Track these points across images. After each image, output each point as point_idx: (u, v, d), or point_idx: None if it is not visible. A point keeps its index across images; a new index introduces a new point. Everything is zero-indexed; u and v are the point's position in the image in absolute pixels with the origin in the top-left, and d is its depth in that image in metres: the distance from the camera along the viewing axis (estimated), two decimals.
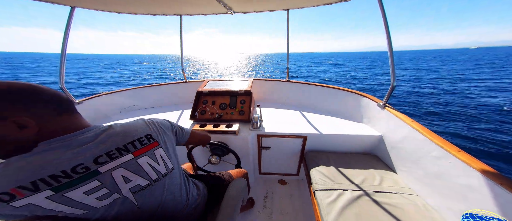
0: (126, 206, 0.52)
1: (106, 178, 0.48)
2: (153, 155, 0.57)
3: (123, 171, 0.51)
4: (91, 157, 0.47)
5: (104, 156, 0.49)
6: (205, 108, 1.76)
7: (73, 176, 0.44)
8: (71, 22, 1.62)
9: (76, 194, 0.45)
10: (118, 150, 0.51)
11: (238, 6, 1.84)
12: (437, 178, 0.98)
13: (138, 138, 0.56)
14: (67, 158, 0.44)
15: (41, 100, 0.45)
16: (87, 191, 0.46)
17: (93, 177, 0.47)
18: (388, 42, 1.29)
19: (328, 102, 2.09)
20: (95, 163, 0.47)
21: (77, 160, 0.45)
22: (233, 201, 0.74)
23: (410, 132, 1.18)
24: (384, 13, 1.28)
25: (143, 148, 0.56)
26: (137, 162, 0.54)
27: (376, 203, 0.99)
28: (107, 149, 0.50)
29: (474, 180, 0.80)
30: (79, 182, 0.45)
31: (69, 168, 0.44)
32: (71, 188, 0.44)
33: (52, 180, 0.42)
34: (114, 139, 0.52)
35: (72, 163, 0.44)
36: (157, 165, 0.58)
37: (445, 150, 0.94)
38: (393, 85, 1.32)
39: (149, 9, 1.89)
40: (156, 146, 0.59)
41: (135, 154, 0.54)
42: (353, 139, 1.52)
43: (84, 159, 0.46)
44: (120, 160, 0.51)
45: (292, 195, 1.65)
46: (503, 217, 0.68)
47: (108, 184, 0.49)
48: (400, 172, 1.25)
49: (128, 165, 0.52)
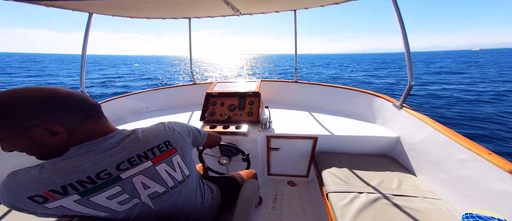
0: (145, 209, 0.54)
1: (127, 184, 0.50)
2: (170, 162, 0.58)
3: (142, 178, 0.52)
4: (114, 163, 0.48)
5: (125, 163, 0.50)
6: (214, 110, 1.78)
7: (97, 181, 0.46)
8: (90, 27, 1.71)
9: (100, 198, 0.47)
10: (139, 157, 0.52)
11: (245, 8, 1.86)
12: (464, 182, 0.90)
13: (157, 145, 0.56)
14: (92, 163, 0.46)
15: (70, 106, 0.46)
16: (109, 196, 0.48)
17: (115, 183, 0.48)
18: (404, 41, 1.24)
19: (338, 103, 2.03)
20: (117, 169, 0.49)
21: (101, 166, 0.47)
22: (248, 202, 0.73)
23: (431, 133, 1.11)
24: (399, 12, 1.23)
25: (162, 155, 0.56)
26: (155, 169, 0.54)
27: (395, 207, 0.93)
28: (128, 156, 0.51)
29: (507, 185, 0.73)
30: (102, 187, 0.47)
31: (94, 174, 0.46)
32: (95, 193, 0.46)
33: (79, 185, 0.44)
34: (136, 146, 0.53)
35: (96, 169, 0.46)
36: (174, 172, 0.58)
37: (473, 153, 0.86)
38: (410, 84, 1.25)
39: (159, 14, 1.95)
40: (173, 153, 0.59)
41: (154, 161, 0.54)
42: (367, 140, 1.45)
43: (107, 165, 0.48)
44: (140, 167, 0.52)
45: (301, 196, 1.60)
46: (503, 217, 0.67)
47: (128, 190, 0.50)
48: (420, 175, 1.17)
49: (147, 172, 0.53)
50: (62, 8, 1.45)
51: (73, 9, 1.51)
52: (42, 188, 0.41)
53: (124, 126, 1.86)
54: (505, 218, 0.66)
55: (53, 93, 0.44)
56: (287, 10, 2.04)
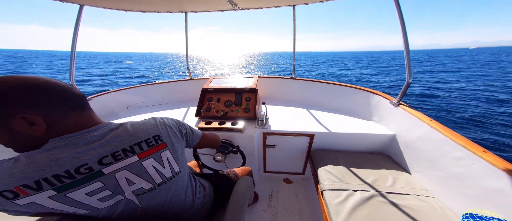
0: (129, 207, 0.52)
1: (109, 180, 0.47)
2: (159, 157, 0.55)
3: (127, 173, 0.49)
4: (96, 158, 0.45)
5: (109, 157, 0.47)
6: (210, 106, 1.75)
7: (76, 176, 0.43)
8: (80, 20, 1.65)
9: (78, 195, 0.44)
10: (124, 151, 0.49)
11: (243, 2, 1.81)
12: (458, 180, 0.91)
13: (145, 139, 0.53)
14: (72, 157, 0.43)
15: (51, 95, 0.43)
16: (89, 192, 0.45)
17: (96, 178, 0.45)
18: (404, 38, 1.22)
19: (335, 100, 2.02)
20: (99, 164, 0.46)
21: (81, 160, 0.44)
22: (241, 199, 0.72)
23: (428, 131, 1.11)
24: (399, 8, 1.22)
25: (150, 150, 0.53)
26: (141, 164, 0.52)
27: (389, 204, 0.94)
28: (112, 150, 0.48)
29: (502, 183, 0.73)
30: (82, 182, 0.44)
31: (73, 168, 0.43)
32: (73, 189, 0.43)
33: (55, 180, 0.41)
34: (122, 139, 0.50)
35: (76, 163, 0.43)
36: (163, 168, 0.56)
37: (468, 151, 0.86)
38: (408, 82, 1.25)
39: (155, 7, 1.89)
40: (163, 148, 0.56)
41: (140, 156, 0.51)
42: (364, 138, 1.45)
43: (88, 159, 0.45)
44: (124, 161, 0.49)
45: (297, 194, 1.61)
46: (503, 217, 0.67)
47: (111, 186, 0.48)
48: (414, 173, 1.18)
49: (132, 167, 0.50)
50: None
51: (63, 0, 1.45)
52: (13, 183, 0.38)
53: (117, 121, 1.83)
54: (505, 218, 0.65)
55: (32, 81, 0.41)
56: (286, 5, 1.99)
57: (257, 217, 1.41)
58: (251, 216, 1.42)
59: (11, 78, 0.40)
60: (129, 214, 0.52)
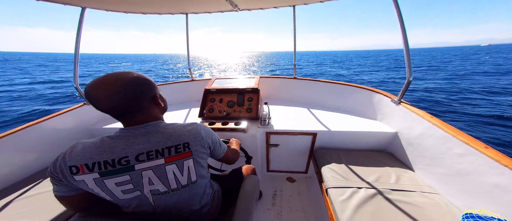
0: (144, 203, 0.56)
1: (136, 176, 0.52)
2: (181, 165, 0.57)
3: (151, 173, 0.53)
4: (136, 153, 0.52)
5: (144, 155, 0.52)
6: (213, 106, 1.76)
7: (116, 166, 0.50)
8: (83, 22, 1.66)
9: (110, 182, 0.51)
10: (157, 152, 0.53)
11: (243, 3, 1.82)
12: (461, 177, 0.92)
13: (176, 145, 0.56)
14: (122, 148, 0.51)
15: None
16: (118, 182, 0.51)
17: (127, 172, 0.51)
18: (403, 37, 1.23)
19: (337, 99, 2.03)
20: (136, 160, 0.51)
21: (125, 152, 0.51)
22: (249, 197, 0.73)
23: (429, 128, 1.12)
24: (398, 7, 1.23)
25: (176, 156, 0.56)
26: (165, 168, 0.55)
27: (393, 202, 0.94)
28: (148, 148, 0.53)
29: (505, 179, 0.74)
30: (117, 172, 0.50)
31: (118, 158, 0.50)
32: (110, 176, 0.50)
33: (103, 166, 0.49)
34: (159, 140, 0.54)
35: (122, 154, 0.50)
36: (181, 176, 0.58)
37: (470, 147, 0.87)
38: (409, 80, 1.26)
39: (155, 9, 1.90)
40: (188, 156, 0.58)
41: (167, 160, 0.54)
42: (366, 136, 1.46)
43: (131, 152, 0.51)
44: (153, 162, 0.53)
45: (300, 192, 1.61)
46: (503, 217, 0.67)
47: (134, 181, 0.52)
48: (417, 170, 1.19)
49: (156, 169, 0.54)
50: (54, 2, 1.40)
51: (65, 3, 1.46)
52: (80, 161, 0.48)
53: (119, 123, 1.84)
54: (505, 218, 0.65)
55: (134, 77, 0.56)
56: (286, 6, 2.00)
57: (261, 215, 1.41)
58: (255, 214, 1.43)
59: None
60: (141, 210, 0.56)
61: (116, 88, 0.50)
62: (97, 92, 0.50)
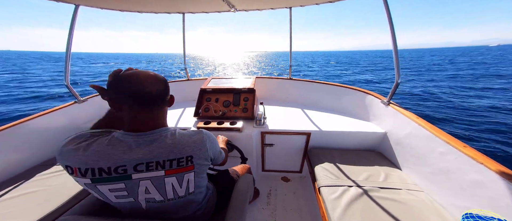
0: (136, 207, 0.56)
1: (132, 184, 0.52)
2: (181, 178, 0.56)
3: (149, 183, 0.53)
4: (134, 163, 0.50)
5: (143, 165, 0.51)
6: (209, 106, 1.77)
7: (112, 174, 0.49)
8: (76, 20, 1.63)
9: (104, 188, 0.50)
10: (157, 163, 0.52)
11: (240, 4, 1.84)
12: (443, 174, 0.97)
13: (179, 158, 0.54)
14: (119, 157, 0.49)
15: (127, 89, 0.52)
16: (111, 189, 0.51)
17: (123, 180, 0.50)
18: (392, 38, 1.29)
19: (331, 100, 2.09)
20: (134, 169, 0.50)
21: (123, 161, 0.49)
22: (242, 196, 0.75)
23: (415, 128, 1.17)
24: (388, 8, 1.28)
25: (177, 169, 0.54)
26: (164, 180, 0.54)
27: (381, 199, 0.99)
28: (149, 159, 0.51)
29: (481, 176, 0.79)
30: (112, 180, 0.50)
31: (114, 166, 0.49)
32: (104, 183, 0.49)
33: (97, 172, 0.48)
34: (161, 152, 0.52)
35: (118, 163, 0.49)
36: (179, 188, 0.57)
37: (451, 146, 0.93)
38: (397, 82, 1.32)
39: (152, 7, 1.89)
40: (189, 170, 0.56)
41: (167, 172, 0.53)
42: (357, 136, 1.51)
43: (129, 161, 0.50)
44: (152, 173, 0.52)
45: (295, 192, 1.65)
46: (503, 217, 0.67)
47: (129, 189, 0.52)
48: (405, 169, 1.24)
49: (155, 180, 0.53)
50: None
51: (58, 0, 1.43)
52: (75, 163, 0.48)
53: None
54: (505, 218, 0.66)
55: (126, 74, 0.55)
56: (282, 7, 2.04)
57: (256, 215, 1.44)
58: (250, 214, 1.45)
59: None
60: (134, 212, 0.57)
61: (157, 78, 0.57)
62: (139, 78, 0.53)
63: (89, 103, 1.89)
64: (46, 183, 1.13)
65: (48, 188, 1.08)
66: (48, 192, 1.06)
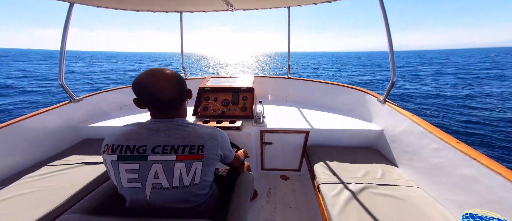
0: (139, 197, 0.57)
1: (145, 166, 0.55)
2: (190, 165, 0.58)
3: (159, 167, 0.55)
4: (154, 144, 0.55)
5: (160, 148, 0.55)
6: (208, 105, 1.76)
7: (134, 153, 0.54)
8: (70, 19, 1.60)
9: (122, 167, 0.55)
10: (172, 147, 0.56)
11: (239, 3, 1.84)
12: (438, 170, 1.00)
13: (191, 145, 0.58)
14: (144, 137, 0.56)
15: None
16: (127, 169, 0.55)
17: (139, 160, 0.54)
18: (388, 38, 1.31)
19: (329, 98, 2.11)
20: (151, 151, 0.55)
21: (146, 141, 0.55)
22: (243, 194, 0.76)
23: (410, 125, 1.20)
24: (383, 9, 1.30)
25: (188, 155, 0.57)
26: (173, 165, 0.56)
27: (378, 196, 1.01)
28: (166, 143, 0.56)
29: (473, 171, 0.82)
30: (131, 159, 0.54)
31: (138, 146, 0.54)
32: (124, 161, 0.54)
33: (124, 150, 0.54)
34: (176, 137, 0.58)
35: (142, 143, 0.55)
36: (186, 176, 0.58)
37: (444, 142, 0.96)
38: (393, 81, 1.35)
39: (148, 6, 1.87)
40: (199, 159, 0.59)
41: (178, 158, 0.56)
42: (355, 134, 1.54)
43: (150, 143, 0.55)
44: (165, 157, 0.55)
45: (294, 190, 1.66)
46: (503, 217, 0.68)
47: (141, 171, 0.55)
48: (401, 166, 1.27)
49: (166, 164, 0.56)
50: None
51: None
52: (111, 141, 0.55)
53: (110, 121, 1.78)
54: (505, 218, 0.67)
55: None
56: (280, 7, 2.05)
57: (256, 213, 1.44)
58: (250, 213, 1.45)
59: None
60: (137, 204, 0.59)
61: (175, 81, 0.59)
62: (159, 84, 0.56)
63: (84, 102, 1.86)
64: (42, 183, 1.11)
65: (45, 189, 1.06)
66: (45, 192, 1.04)
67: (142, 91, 0.57)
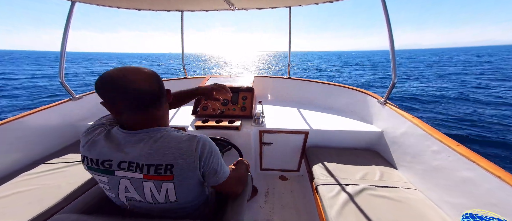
0: (120, 203, 0.59)
1: (114, 181, 0.54)
2: (159, 185, 0.52)
3: (128, 183, 0.53)
4: (119, 159, 0.52)
5: (126, 163, 0.52)
6: (207, 104, 1.76)
7: (99, 166, 0.53)
8: (72, 18, 1.61)
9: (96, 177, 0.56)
10: (138, 165, 0.51)
11: (240, 3, 1.84)
12: (437, 172, 0.99)
13: (157, 165, 0.50)
14: (109, 151, 0.52)
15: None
16: (99, 180, 0.56)
17: (107, 174, 0.53)
18: (389, 39, 1.30)
19: (328, 99, 2.10)
20: (117, 166, 0.52)
21: (111, 156, 0.52)
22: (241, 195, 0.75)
23: (410, 127, 1.19)
24: (385, 8, 1.29)
25: (155, 176, 0.50)
26: (142, 183, 0.52)
27: (377, 197, 1.01)
28: (131, 159, 0.51)
29: (473, 174, 0.81)
30: (99, 172, 0.54)
31: (102, 159, 0.52)
32: (94, 173, 0.55)
33: (89, 161, 0.54)
34: (143, 154, 0.50)
35: (107, 157, 0.52)
36: (158, 194, 0.53)
37: (444, 144, 0.95)
38: (394, 82, 1.34)
39: (150, 5, 1.88)
40: (168, 180, 0.51)
41: (145, 176, 0.51)
42: (354, 135, 1.53)
43: (115, 157, 0.52)
44: (132, 174, 0.52)
45: (292, 190, 1.66)
46: (503, 217, 0.68)
47: (111, 185, 0.55)
48: (400, 168, 1.27)
49: (134, 181, 0.52)
50: None
51: None
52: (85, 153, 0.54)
53: None
54: (505, 218, 0.67)
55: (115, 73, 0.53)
56: (282, 7, 2.04)
57: (254, 213, 1.44)
58: (248, 212, 1.45)
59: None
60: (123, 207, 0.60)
61: (149, 73, 0.54)
62: (132, 76, 0.50)
63: (84, 100, 1.87)
64: (39, 181, 1.12)
65: (42, 187, 1.07)
66: (42, 190, 1.04)
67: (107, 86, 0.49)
